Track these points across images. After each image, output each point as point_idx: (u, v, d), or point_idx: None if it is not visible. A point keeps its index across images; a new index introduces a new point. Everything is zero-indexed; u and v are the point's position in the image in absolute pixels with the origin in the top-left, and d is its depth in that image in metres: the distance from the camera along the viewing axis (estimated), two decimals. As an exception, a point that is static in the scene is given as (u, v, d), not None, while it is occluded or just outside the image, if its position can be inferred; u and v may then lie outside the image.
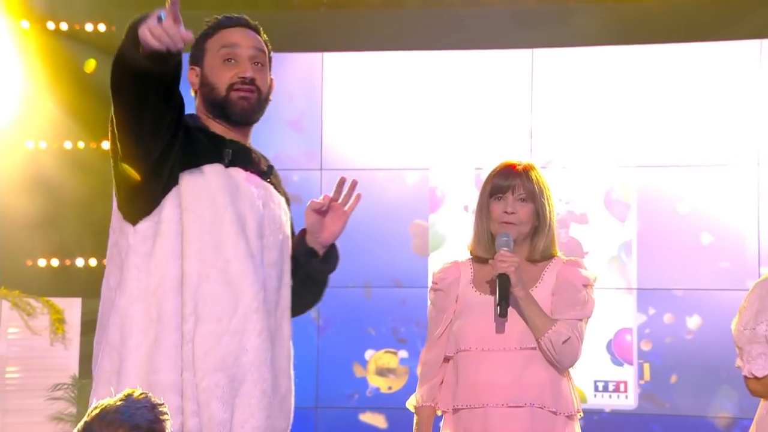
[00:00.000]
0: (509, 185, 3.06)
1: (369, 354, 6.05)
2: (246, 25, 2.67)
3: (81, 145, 6.22)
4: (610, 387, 5.86)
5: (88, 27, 6.21)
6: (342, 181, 2.69)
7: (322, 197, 2.70)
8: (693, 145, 5.91)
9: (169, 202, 2.47)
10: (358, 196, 2.72)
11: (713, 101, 5.90)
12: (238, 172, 2.57)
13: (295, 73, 6.18)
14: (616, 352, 5.88)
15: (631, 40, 5.98)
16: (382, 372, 6.03)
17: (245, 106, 2.60)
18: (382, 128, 6.16)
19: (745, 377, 2.91)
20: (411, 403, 3.14)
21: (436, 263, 5.67)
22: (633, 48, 5.99)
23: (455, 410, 3.04)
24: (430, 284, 3.27)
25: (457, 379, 3.04)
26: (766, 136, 5.82)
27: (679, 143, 5.93)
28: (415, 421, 3.11)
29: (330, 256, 2.75)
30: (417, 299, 5.86)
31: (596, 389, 5.85)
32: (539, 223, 3.09)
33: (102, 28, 6.26)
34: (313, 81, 6.18)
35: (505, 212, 3.05)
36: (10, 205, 5.96)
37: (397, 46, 6.16)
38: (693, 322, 5.80)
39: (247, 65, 2.61)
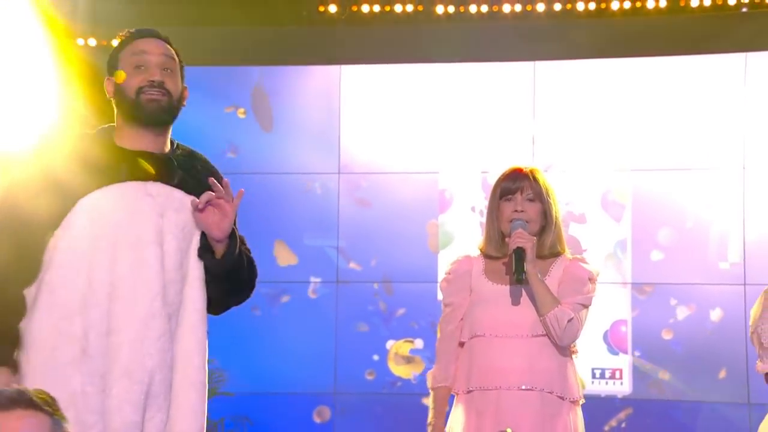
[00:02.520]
0: (518, 187, 3.13)
1: (389, 344, 6.12)
2: (156, 36, 2.68)
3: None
4: (607, 374, 5.93)
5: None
6: (212, 182, 2.62)
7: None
8: (683, 150, 5.96)
9: (60, 232, 2.54)
10: (240, 193, 2.62)
11: (702, 110, 5.94)
12: (134, 187, 2.58)
13: (315, 85, 6.26)
14: (612, 342, 5.95)
15: (626, 53, 6.02)
16: (399, 360, 6.10)
17: (155, 107, 2.59)
18: (395, 135, 6.20)
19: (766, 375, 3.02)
20: (428, 384, 3.20)
21: (444, 260, 5.74)
22: (628, 61, 6.03)
23: (468, 392, 3.09)
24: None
25: (471, 363, 3.10)
26: (750, 142, 5.87)
27: (670, 149, 5.98)
28: (431, 399, 3.17)
29: (229, 254, 2.66)
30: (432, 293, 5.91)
31: (594, 376, 5.92)
32: (546, 222, 3.15)
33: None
34: (332, 91, 6.22)
35: (515, 211, 3.12)
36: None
37: (409, 59, 6.18)
38: (687, 313, 5.86)
39: (156, 70, 2.61)
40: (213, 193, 2.60)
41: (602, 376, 5.94)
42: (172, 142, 2.72)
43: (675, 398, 5.85)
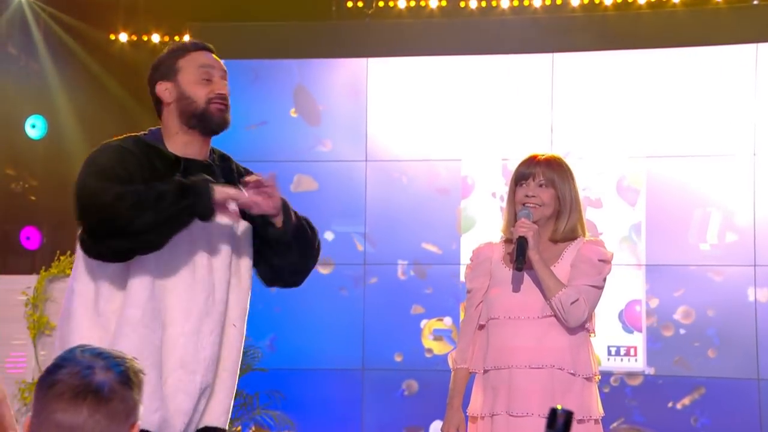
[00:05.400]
0: (530, 173, 3.14)
1: (423, 322, 6.20)
2: (212, 51, 2.78)
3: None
4: (622, 351, 5.97)
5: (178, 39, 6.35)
6: (260, 175, 2.74)
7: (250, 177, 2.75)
8: (696, 137, 5.98)
9: None
10: (273, 175, 2.71)
11: (714, 99, 5.95)
12: None
13: (343, 77, 6.32)
14: (627, 320, 5.98)
15: (642, 45, 6.04)
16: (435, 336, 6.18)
17: (222, 117, 2.71)
18: (420, 124, 6.24)
19: None
20: (449, 364, 3.25)
21: (467, 243, 5.84)
22: (643, 52, 6.05)
23: (485, 371, 3.13)
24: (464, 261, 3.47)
25: (488, 344, 3.13)
26: (761, 130, 5.88)
27: (683, 136, 6.00)
28: (451, 379, 3.21)
29: (288, 221, 2.75)
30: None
31: (609, 353, 5.96)
32: (561, 207, 3.14)
33: (176, 39, 6.39)
34: (359, 83, 6.28)
35: (526, 196, 3.12)
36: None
37: (433, 51, 6.23)
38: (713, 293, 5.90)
39: (222, 84, 2.73)
40: (257, 177, 2.71)
41: (617, 353, 5.98)
42: (211, 150, 2.83)
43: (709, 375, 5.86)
